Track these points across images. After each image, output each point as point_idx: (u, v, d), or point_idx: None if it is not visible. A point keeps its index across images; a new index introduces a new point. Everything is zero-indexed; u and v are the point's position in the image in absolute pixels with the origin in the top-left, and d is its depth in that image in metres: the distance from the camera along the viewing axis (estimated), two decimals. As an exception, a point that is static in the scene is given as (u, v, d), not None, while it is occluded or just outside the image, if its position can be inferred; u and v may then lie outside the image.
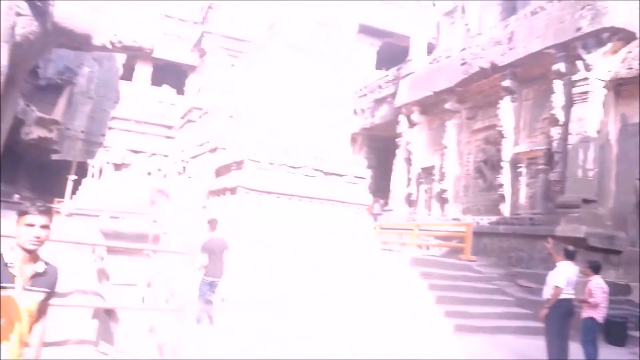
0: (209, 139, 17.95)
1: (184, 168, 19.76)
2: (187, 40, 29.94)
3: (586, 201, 8.37)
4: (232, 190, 9.70)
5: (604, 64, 8.74)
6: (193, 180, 17.30)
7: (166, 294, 6.61)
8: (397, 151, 14.30)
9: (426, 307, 7.50)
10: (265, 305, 6.05)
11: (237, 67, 22.94)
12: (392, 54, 20.78)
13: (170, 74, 29.57)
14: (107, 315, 4.95)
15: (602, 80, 8.72)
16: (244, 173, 9.54)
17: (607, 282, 6.13)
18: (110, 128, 18.86)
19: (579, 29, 8.80)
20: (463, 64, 11.83)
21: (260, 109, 10.47)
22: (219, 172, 11.43)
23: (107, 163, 17.25)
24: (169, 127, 26.83)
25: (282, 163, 9.76)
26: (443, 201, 12.35)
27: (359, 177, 10.53)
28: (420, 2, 14.88)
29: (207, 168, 16.64)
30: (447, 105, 12.39)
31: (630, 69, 8.35)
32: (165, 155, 19.33)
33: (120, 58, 26.76)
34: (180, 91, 29.16)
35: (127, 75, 25.69)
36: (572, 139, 8.77)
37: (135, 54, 16.05)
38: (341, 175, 10.28)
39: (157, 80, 24.47)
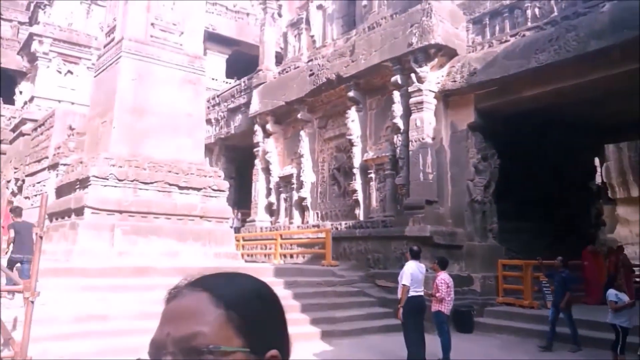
0: (47, 154, 16.27)
1: (20, 188, 17.67)
2: (11, 43, 26.77)
3: (428, 202, 9.28)
4: (77, 212, 8.95)
5: (433, 77, 9.76)
6: (30, 201, 15.55)
7: None
8: (255, 161, 14.37)
9: (292, 316, 7.69)
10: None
11: (76, 74, 21.15)
12: (242, 63, 20.84)
13: (-6, 81, 26.08)
14: None
15: (433, 92, 9.72)
16: (90, 192, 8.85)
17: (452, 275, 6.89)
18: None
19: (410, 45, 9.69)
20: (311, 74, 12.30)
21: (106, 120, 9.80)
22: (61, 192, 10.44)
23: None
24: (-4, 142, 23.73)
25: (133, 179, 9.25)
26: (303, 209, 12.73)
27: (217, 190, 10.42)
28: (268, 11, 15.12)
29: (46, 187, 15.05)
30: (299, 115, 12.78)
31: (455, 82, 9.44)
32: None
33: None
34: (9, 100, 26.03)
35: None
36: (412, 146, 9.65)
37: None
38: (198, 189, 10.07)
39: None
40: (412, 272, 6.05)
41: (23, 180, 17.17)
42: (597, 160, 15.20)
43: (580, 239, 11.34)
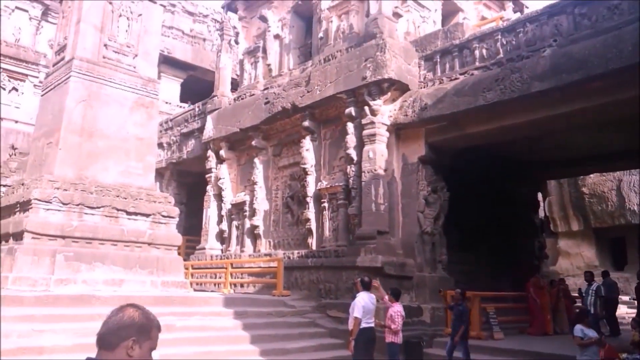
0: (-16, 175, 15.46)
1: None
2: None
3: (380, 233, 9.38)
4: (16, 236, 8.51)
5: (386, 110, 10.01)
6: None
7: None
8: (207, 187, 14.16)
9: (241, 348, 7.50)
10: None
11: (21, 91, 20.34)
12: (197, 88, 20.72)
13: None
14: None
15: (385, 125, 9.95)
16: (31, 215, 8.45)
17: (403, 306, 6.96)
18: None
19: (364, 78, 9.92)
20: (267, 102, 12.35)
21: (52, 141, 9.43)
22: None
23: None
24: None
25: (79, 203, 8.91)
26: (255, 237, 12.58)
27: (167, 216, 10.16)
28: (225, 38, 15.16)
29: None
30: (254, 142, 12.74)
31: (407, 115, 9.71)
32: None
33: None
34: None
35: None
36: (365, 176, 9.79)
37: None
38: (147, 215, 9.80)
39: None
40: (363, 305, 6.07)
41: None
42: (540, 195, 15.89)
43: (523, 270, 11.74)
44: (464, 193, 10.57)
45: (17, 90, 20.33)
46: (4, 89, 20.07)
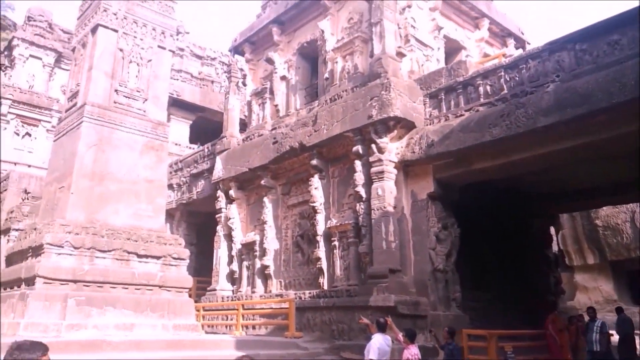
0: (-3, 220, 15.62)
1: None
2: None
3: (392, 271, 9.30)
4: (28, 281, 8.51)
5: (393, 148, 10.09)
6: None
7: None
8: (217, 227, 14.19)
9: (254, 393, 7.36)
10: None
11: (35, 136, 20.76)
12: (206, 129, 21.04)
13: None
14: None
15: (393, 162, 10.00)
16: (43, 260, 8.47)
17: (418, 347, 6.83)
18: None
19: (370, 117, 10.05)
20: (275, 142, 12.50)
21: (64, 185, 9.56)
22: (12, 260, 9.96)
23: None
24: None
25: (90, 247, 8.93)
26: (266, 277, 12.50)
27: (178, 259, 10.15)
28: (232, 80, 15.47)
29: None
30: (263, 182, 12.83)
31: (414, 152, 9.77)
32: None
33: None
34: (-42, 163, 25.13)
35: None
36: (375, 214, 9.78)
37: None
38: (158, 258, 9.79)
39: None
40: (379, 346, 5.98)
41: (-31, 247, 16.29)
42: (552, 229, 15.71)
43: (540, 307, 11.51)
44: (475, 228, 10.51)
45: (30, 135, 20.77)
46: (18, 134, 20.50)
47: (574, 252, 19.38)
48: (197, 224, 17.13)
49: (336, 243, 10.85)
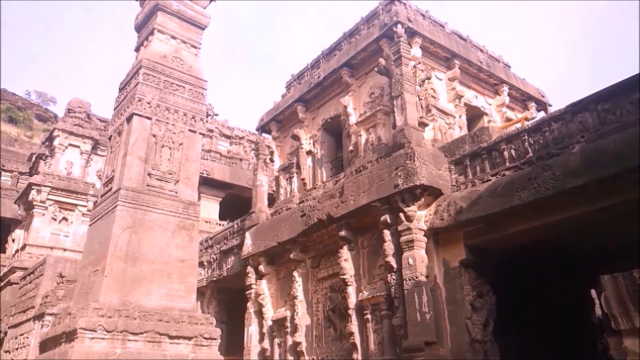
0: (34, 304, 15.83)
1: (0, 341, 16.89)
2: (10, 192, 27.48)
3: (428, 343, 8.96)
4: (62, 369, 8.47)
5: (421, 216, 10.05)
6: (11, 355, 14.79)
7: None
8: (248, 304, 14.06)
9: None
10: None
11: (70, 220, 21.45)
12: (236, 205, 21.43)
13: (-13, 230, 26.45)
14: None
15: (422, 230, 9.92)
16: (76, 346, 8.47)
17: None
18: None
19: (396, 186, 10.12)
20: (302, 215, 12.61)
21: (98, 269, 9.73)
22: (46, 346, 9.99)
23: None
24: (-18, 293, 23.27)
25: (122, 329, 8.92)
26: (298, 355, 12.16)
27: (209, 338, 10.02)
28: (260, 157, 15.91)
29: (30, 339, 14.41)
30: (292, 255, 12.82)
31: (443, 220, 9.70)
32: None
33: None
34: (0, 249, 26.01)
35: None
36: (407, 284, 9.58)
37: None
38: (189, 338, 9.68)
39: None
40: None
41: (5, 333, 16.48)
42: (593, 292, 15.01)
43: (590, 376, 10.81)
44: (513, 295, 10.16)
45: (66, 219, 21.47)
46: (55, 219, 21.23)
47: (620, 315, 17.98)
48: (228, 301, 17.01)
49: (369, 316, 10.59)
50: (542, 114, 14.73)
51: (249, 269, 14.22)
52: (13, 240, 23.98)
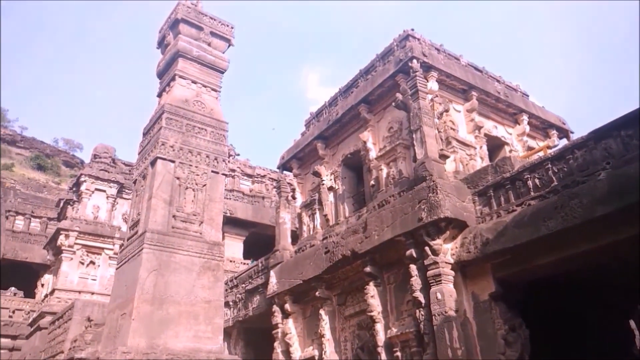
0: (62, 349, 15.92)
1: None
2: (39, 238, 28.02)
3: (461, 382, 8.70)
4: (91, 419, 8.42)
5: (447, 249, 9.90)
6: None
7: None
8: (275, 344, 13.88)
9: None
10: None
11: (98, 264, 21.72)
12: (259, 243, 21.46)
13: (18, 275, 27.08)
14: None
15: (449, 263, 9.76)
16: (105, 394, 8.47)
17: None
18: None
19: (420, 219, 10.02)
20: (326, 252, 12.54)
21: (126, 312, 9.78)
22: (74, 394, 10.00)
23: None
24: (14, 337, 23.60)
25: (151, 374, 8.91)
26: (327, 396, 11.91)
27: (237, 382, 9.93)
28: (282, 195, 16.01)
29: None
30: (318, 293, 12.69)
31: (469, 252, 9.54)
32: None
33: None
34: (30, 294, 26.40)
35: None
36: (436, 320, 9.37)
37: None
38: (218, 382, 9.60)
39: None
40: None
41: (35, 379, 16.55)
42: (632, 323, 14.46)
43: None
44: (548, 328, 9.83)
45: (94, 263, 21.75)
46: (83, 263, 21.52)
47: (663, 346, 17.53)
48: (255, 341, 16.82)
49: (399, 354, 10.33)
50: (564, 141, 14.58)
51: (275, 307, 14.11)
52: (42, 285, 24.35)
